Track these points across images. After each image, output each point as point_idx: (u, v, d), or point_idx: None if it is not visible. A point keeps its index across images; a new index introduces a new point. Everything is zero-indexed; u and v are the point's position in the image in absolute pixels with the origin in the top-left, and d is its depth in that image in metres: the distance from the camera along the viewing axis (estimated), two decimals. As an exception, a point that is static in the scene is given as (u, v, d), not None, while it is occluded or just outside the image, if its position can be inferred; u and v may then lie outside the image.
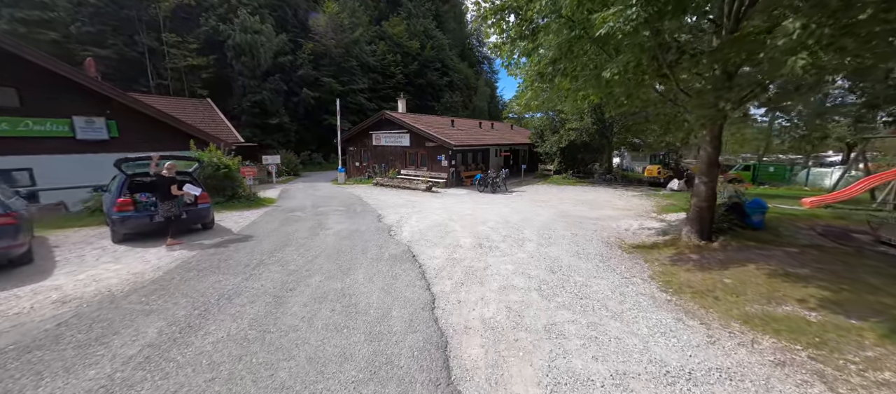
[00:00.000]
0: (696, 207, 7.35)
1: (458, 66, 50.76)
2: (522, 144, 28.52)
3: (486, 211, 12.75)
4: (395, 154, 22.63)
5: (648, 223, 10.81)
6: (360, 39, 38.12)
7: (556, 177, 25.29)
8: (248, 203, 13.12)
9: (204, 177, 12.29)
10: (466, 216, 11.62)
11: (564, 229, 9.90)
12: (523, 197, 16.87)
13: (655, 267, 6.60)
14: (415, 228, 9.73)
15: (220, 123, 22.66)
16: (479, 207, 13.52)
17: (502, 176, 19.39)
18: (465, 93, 50.22)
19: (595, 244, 8.33)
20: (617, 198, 16.86)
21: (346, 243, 7.89)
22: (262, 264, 6.30)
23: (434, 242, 8.22)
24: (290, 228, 9.45)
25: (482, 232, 9.30)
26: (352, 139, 25.04)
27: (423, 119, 24.05)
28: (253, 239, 8.23)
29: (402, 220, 10.88)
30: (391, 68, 41.01)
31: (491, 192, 18.48)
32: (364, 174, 24.12)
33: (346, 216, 11.30)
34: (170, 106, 22.20)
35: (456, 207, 13.46)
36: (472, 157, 23.29)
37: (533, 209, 13.46)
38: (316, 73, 33.64)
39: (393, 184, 20.17)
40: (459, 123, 26.32)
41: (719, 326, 4.31)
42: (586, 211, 13.22)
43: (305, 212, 12.03)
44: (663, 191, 19.24)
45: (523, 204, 14.70)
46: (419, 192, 18.43)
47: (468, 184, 21.15)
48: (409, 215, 11.67)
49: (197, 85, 29.16)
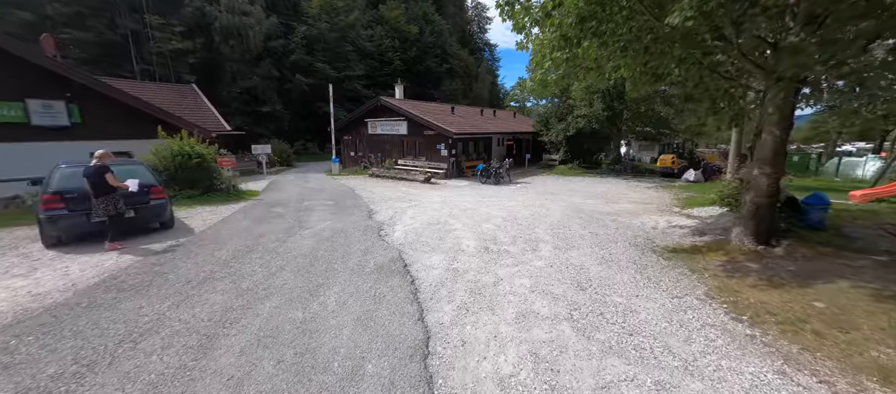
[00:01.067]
0: (754, 203, 5.90)
1: (458, 52, 48.72)
2: (526, 133, 26.93)
3: (490, 205, 11.31)
4: (391, 143, 21.10)
5: (677, 220, 9.37)
6: (355, 23, 36.16)
7: (561, 167, 23.78)
8: (225, 197, 11.67)
9: (174, 168, 10.83)
10: (468, 212, 10.18)
11: (582, 227, 8.47)
12: (529, 189, 15.41)
13: (708, 280, 5.18)
14: (409, 226, 8.29)
15: (205, 110, 21.09)
16: (483, 201, 12.08)
17: (506, 166, 17.90)
18: (465, 80, 48.30)
19: (622, 247, 6.91)
20: (631, 190, 15.41)
21: (325, 248, 6.46)
22: (209, 280, 4.87)
23: (431, 245, 6.79)
24: (264, 227, 8.01)
25: (488, 232, 7.87)
26: (346, 128, 23.47)
27: (421, 106, 22.45)
28: (213, 242, 6.80)
29: (396, 216, 9.44)
30: (389, 54, 39.10)
31: (494, 183, 17.02)
32: (359, 165, 22.62)
33: (332, 212, 9.86)
34: (152, 92, 20.60)
35: (457, 201, 12.03)
36: (473, 146, 21.76)
37: (542, 203, 12.02)
38: (310, 59, 31.83)
39: (389, 175, 18.70)
40: (460, 111, 24.71)
41: (848, 386, 2.90)
42: (601, 205, 11.79)
43: (288, 207, 10.59)
44: (678, 182, 17.78)
45: (530, 197, 13.26)
46: (417, 183, 16.97)
47: (469, 175, 19.67)
48: (404, 211, 10.23)
49: (184, 70, 27.40)
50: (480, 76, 52.23)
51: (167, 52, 27.44)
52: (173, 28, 27.20)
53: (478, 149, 22.24)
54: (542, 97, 24.59)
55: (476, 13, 62.93)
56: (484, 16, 63.30)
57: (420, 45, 42.42)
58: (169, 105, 19.82)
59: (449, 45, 47.47)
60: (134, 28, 27.39)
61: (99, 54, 26.71)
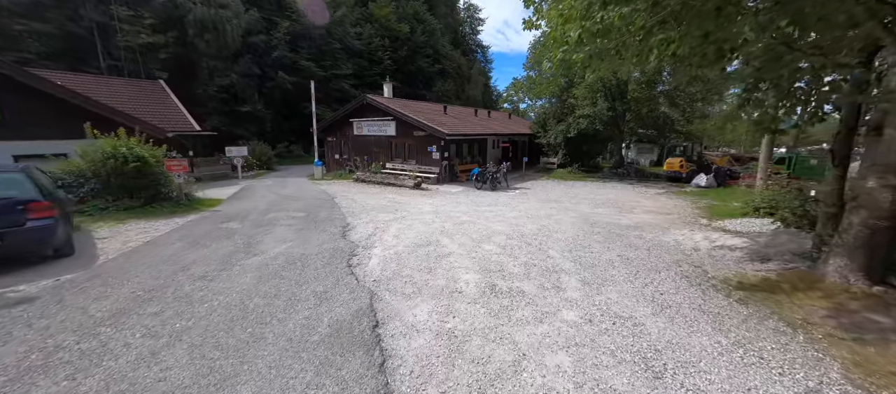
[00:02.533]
0: (867, 226, 4.16)
1: (450, 53, 46.87)
2: (522, 135, 25.22)
3: (489, 217, 9.47)
4: (379, 145, 19.14)
5: (717, 237, 7.63)
6: (343, 20, 34.08)
7: (560, 171, 22.10)
8: (173, 208, 9.59)
9: (106, 173, 8.74)
10: (464, 226, 8.32)
11: (605, 247, 6.69)
12: (530, 196, 13.62)
13: (828, 346, 3.41)
14: (391, 249, 6.38)
15: (172, 108, 18.89)
16: (480, 211, 10.23)
17: (503, 170, 16.11)
18: (457, 81, 46.46)
19: (671, 280, 5.13)
20: (641, 196, 13.73)
21: (267, 291, 4.52)
22: (30, 372, 2.89)
23: (417, 282, 4.89)
24: (197, 253, 6.01)
25: (491, 257, 6.01)
26: (330, 128, 21.41)
27: (411, 105, 20.54)
28: (109, 280, 4.80)
29: (376, 234, 7.52)
30: (378, 53, 37.08)
31: (490, 189, 15.21)
32: (344, 168, 20.60)
33: (298, 229, 7.89)
34: (113, 87, 18.31)
35: (450, 211, 10.16)
36: (467, 148, 19.93)
37: (547, 213, 10.24)
38: (294, 56, 29.66)
39: (375, 180, 16.75)
40: (453, 111, 22.88)
41: None
42: (615, 215, 10.06)
43: (245, 221, 8.57)
44: (689, 188, 16.21)
45: (533, 205, 11.47)
46: (406, 190, 15.06)
47: (463, 179, 17.83)
48: (388, 225, 8.31)
49: (155, 66, 24.99)
50: (473, 78, 50.46)
51: (136, 46, 25.05)
52: (143, 20, 24.83)
53: (472, 151, 20.43)
54: (541, 96, 22.90)
55: (468, 14, 61.25)
56: (476, 17, 61.66)
57: (411, 45, 40.50)
58: (131, 102, 17.58)
59: (441, 46, 45.63)
60: (100, 20, 24.95)
61: (61, 49, 24.24)
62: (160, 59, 25.53)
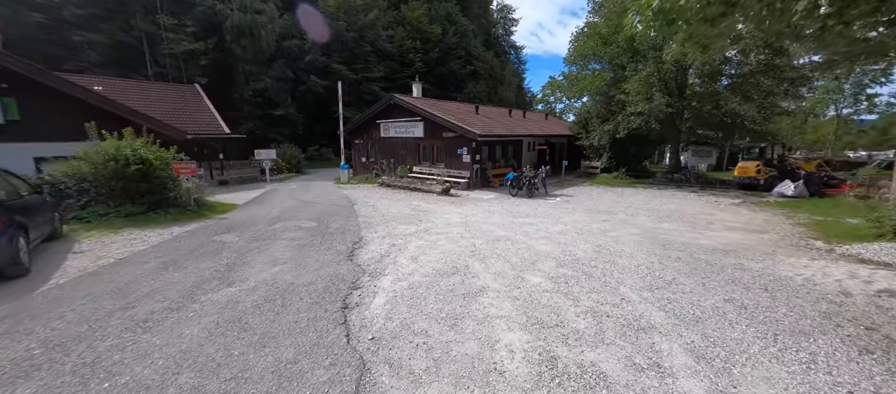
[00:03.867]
0: None
1: (482, 54, 45.07)
2: (560, 137, 22.95)
3: (529, 232, 7.64)
4: (406, 147, 17.79)
5: (866, 273, 5.31)
6: (375, 23, 33.41)
7: (604, 176, 19.62)
8: (178, 214, 8.63)
9: (107, 176, 7.89)
10: (500, 244, 6.57)
11: (700, 284, 4.69)
12: (574, 205, 11.56)
13: None
14: (404, 280, 4.78)
15: (205, 111, 18.67)
16: (518, 224, 8.41)
17: (542, 175, 14.12)
18: (490, 83, 44.51)
19: (845, 359, 3.10)
20: (714, 208, 11.23)
21: (210, 357, 3.04)
22: None
23: (433, 346, 3.23)
24: (163, 279, 4.72)
25: (540, 297, 4.23)
26: (357, 130, 20.40)
27: (440, 105, 19.03)
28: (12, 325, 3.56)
29: (391, 254, 5.96)
30: (409, 56, 36.07)
31: (527, 196, 13.30)
32: (371, 171, 19.46)
33: (300, 245, 6.50)
34: (150, 91, 18.37)
35: (482, 223, 8.42)
36: (500, 151, 18.08)
37: (601, 227, 8.24)
38: (326, 60, 29.28)
39: (401, 184, 15.35)
40: (485, 111, 21.12)
41: None
42: (689, 232, 7.88)
43: (245, 232, 7.34)
44: (770, 197, 13.35)
45: (580, 217, 9.46)
46: (433, 196, 13.50)
47: (496, 185, 16.01)
48: (407, 241, 6.74)
49: (195, 72, 25.42)
50: (506, 79, 48.28)
51: (179, 53, 25.58)
52: (186, 28, 25.33)
53: (506, 154, 18.54)
54: (583, 94, 20.53)
55: (502, 15, 59.17)
56: (510, 18, 59.41)
57: (443, 47, 39.20)
58: (164, 105, 17.48)
59: (473, 47, 43.98)
60: (148, 30, 25.73)
61: (114, 57, 25.16)
62: (201, 65, 25.92)
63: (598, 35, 16.86)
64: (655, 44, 15.12)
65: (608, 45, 16.75)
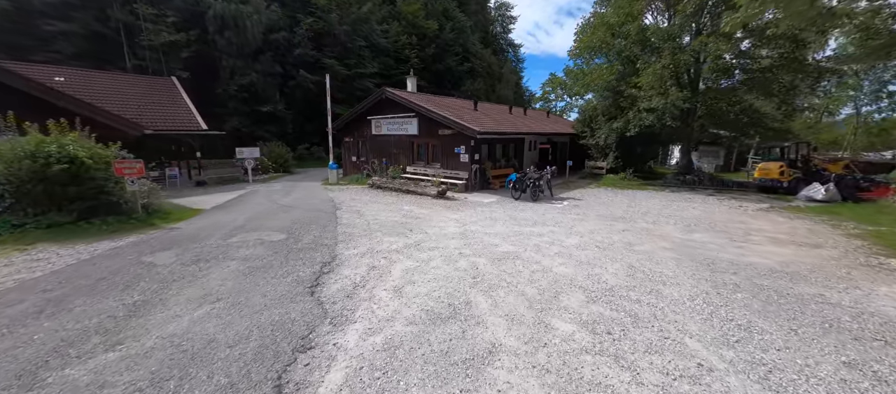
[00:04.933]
0: None
1: (480, 51, 43.64)
2: (563, 135, 21.58)
3: (540, 245, 6.24)
4: (399, 146, 16.33)
5: None
6: (369, 17, 31.82)
7: (610, 177, 18.30)
8: (119, 223, 7.11)
9: (21, 178, 6.37)
10: (508, 263, 5.16)
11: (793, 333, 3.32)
12: (585, 210, 10.17)
13: None
14: (381, 328, 3.35)
15: (180, 105, 17.07)
16: (526, 234, 7.00)
17: (547, 177, 12.75)
18: (488, 81, 43.09)
19: None
20: (743, 215, 9.90)
21: None
22: None
23: None
24: (15, 336, 3.26)
25: (578, 362, 2.81)
26: (347, 127, 18.89)
27: (435, 100, 17.58)
28: None
29: (368, 282, 4.53)
30: (405, 51, 34.51)
31: (531, 199, 11.92)
32: (361, 171, 17.98)
33: (251, 269, 5.04)
34: (119, 83, 16.72)
35: (484, 234, 6.99)
36: (501, 150, 16.66)
37: (624, 239, 6.87)
38: (317, 54, 27.69)
39: (393, 186, 13.89)
40: (484, 108, 19.67)
41: None
42: (729, 247, 6.55)
43: (188, 252, 5.85)
44: (797, 201, 12.07)
45: (595, 226, 8.07)
46: (428, 199, 12.07)
47: (496, 186, 14.61)
48: (392, 262, 5.31)
49: (177, 65, 23.69)
50: (505, 77, 46.91)
51: (159, 45, 23.87)
52: (166, 19, 23.62)
53: (507, 154, 17.13)
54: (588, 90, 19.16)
55: (499, 13, 57.74)
56: (508, 15, 57.96)
57: (439, 43, 37.72)
58: (136, 99, 15.84)
59: (470, 44, 42.54)
60: (126, 20, 23.97)
61: (89, 49, 23.37)
62: (182, 58, 24.21)
63: (606, 26, 15.49)
64: (671, 33, 13.76)
65: (617, 36, 15.37)
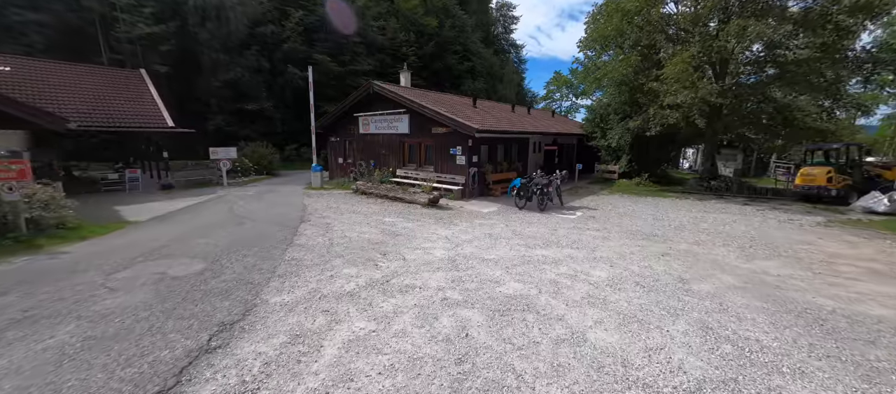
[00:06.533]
0: None
1: (481, 50, 41.77)
2: (570, 136, 19.63)
3: (558, 280, 4.28)
4: (389, 146, 14.40)
5: None
6: (365, 13, 30.02)
7: (624, 182, 16.34)
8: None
9: None
10: (514, 317, 3.20)
11: None
12: (603, 223, 8.20)
13: None
14: None
15: (147, 101, 15.20)
16: (535, 262, 5.02)
17: (557, 183, 10.77)
18: (488, 81, 41.15)
19: None
20: (803, 232, 7.91)
21: None
22: None
23: None
24: None
25: None
26: (334, 125, 16.98)
27: (430, 95, 15.66)
28: None
29: (268, 377, 2.57)
30: (402, 49, 32.63)
31: (538, 209, 9.97)
32: (348, 174, 16.05)
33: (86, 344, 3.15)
34: (86, 74, 14.92)
35: (480, 262, 5.03)
36: (502, 151, 14.69)
37: (670, 272, 4.92)
38: (308, 49, 25.87)
39: (379, 192, 11.94)
40: (485, 105, 17.74)
41: None
42: (817, 283, 4.64)
43: (23, 301, 3.94)
44: (851, 213, 10.08)
45: (623, 246, 6.10)
46: (417, 208, 10.11)
47: (497, 193, 12.65)
48: (335, 323, 3.36)
49: (155, 60, 21.86)
50: (506, 77, 44.96)
51: (136, 38, 22.04)
52: (143, 10, 21.80)
53: (509, 156, 15.17)
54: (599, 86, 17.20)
55: (501, 13, 55.85)
56: (510, 15, 56.07)
57: (439, 40, 35.85)
58: (93, 92, 13.96)
59: (471, 42, 40.65)
60: (101, 11, 22.13)
61: (61, 42, 21.49)
62: (161, 52, 22.36)
63: (621, 13, 13.55)
64: (698, 17, 11.82)
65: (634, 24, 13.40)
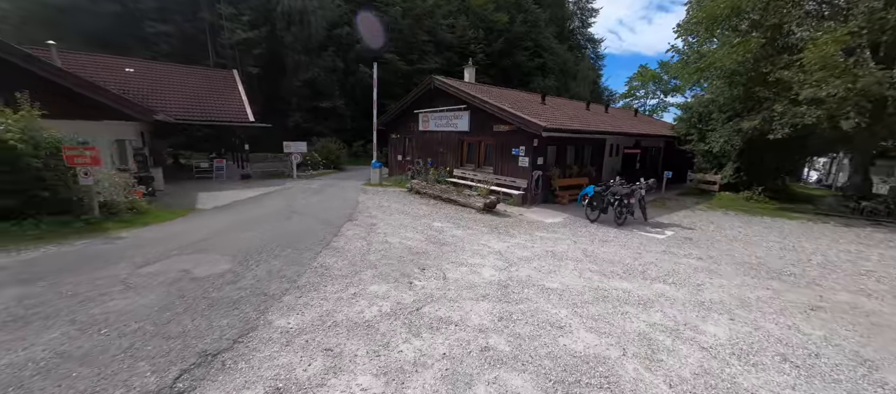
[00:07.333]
0: None
1: (554, 46, 39.01)
2: (656, 138, 16.76)
3: (651, 336, 2.85)
4: (447, 144, 13.61)
5: None
6: (434, 11, 29.89)
7: (728, 196, 13.28)
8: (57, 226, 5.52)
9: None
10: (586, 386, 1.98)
11: None
12: (705, 249, 6.21)
13: None
14: None
15: (234, 98, 16.64)
16: (615, 300, 3.63)
17: (641, 193, 8.78)
18: (560, 78, 38.19)
19: None
20: None
21: None
22: None
23: None
24: None
25: None
26: (394, 122, 16.80)
27: (493, 91, 14.45)
28: None
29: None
30: (470, 46, 31.86)
31: (615, 223, 8.21)
32: (406, 172, 15.68)
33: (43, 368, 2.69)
34: (189, 75, 16.97)
35: (539, 294, 3.82)
36: (573, 154, 12.87)
37: (834, 341, 3.05)
38: (378, 49, 26.60)
39: (433, 192, 11.19)
40: (556, 102, 15.95)
41: None
42: None
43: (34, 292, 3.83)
44: None
45: (742, 288, 4.27)
46: (471, 213, 9.10)
47: (564, 201, 10.99)
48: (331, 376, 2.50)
49: (249, 62, 24.36)
50: (581, 73, 41.35)
51: (235, 43, 24.73)
52: (241, 17, 24.38)
53: (580, 159, 13.28)
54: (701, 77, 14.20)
55: (578, 6, 51.69)
56: (588, 8, 51.64)
57: (509, 36, 34.26)
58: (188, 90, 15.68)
59: (543, 38, 38.19)
60: (211, 20, 25.30)
61: (180, 48, 25.03)
62: (254, 55, 24.79)
63: (739, -15, 10.75)
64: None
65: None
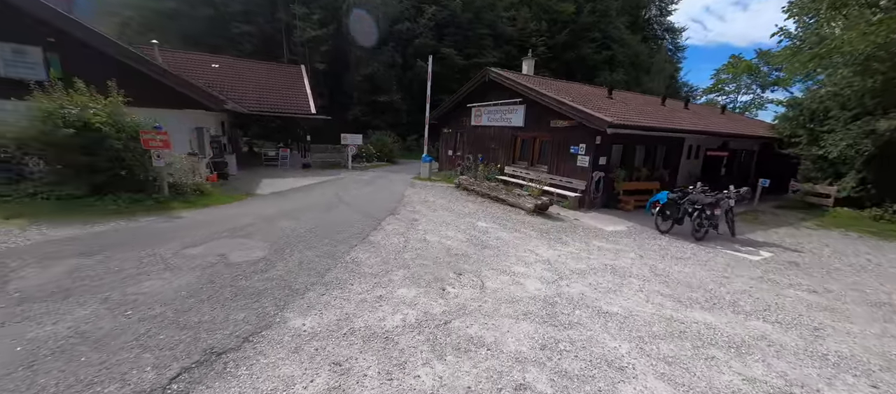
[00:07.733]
0: None
1: (625, 37, 35.56)
2: (749, 139, 14.20)
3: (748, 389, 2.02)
4: (499, 140, 12.90)
5: None
6: (496, 3, 28.94)
7: (845, 212, 10.75)
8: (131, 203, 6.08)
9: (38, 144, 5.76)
10: None
11: None
12: (820, 280, 4.80)
13: None
14: None
15: (299, 92, 17.71)
16: (695, 340, 2.79)
17: (729, 204, 7.28)
18: (630, 72, 34.68)
19: None
20: None
21: None
22: None
23: None
24: None
25: None
26: (446, 116, 16.48)
27: (552, 83, 13.31)
28: None
29: None
30: (532, 39, 30.30)
31: (693, 238, 6.91)
32: (456, 167, 15.30)
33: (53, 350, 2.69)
34: (263, 70, 18.48)
35: (594, 320, 3.14)
36: (642, 154, 11.33)
37: None
38: (436, 44, 26.48)
39: (480, 189, 10.63)
40: (624, 97, 14.24)
41: None
42: None
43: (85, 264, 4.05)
44: None
45: (880, 336, 3.02)
46: (520, 214, 8.40)
47: (628, 207, 9.68)
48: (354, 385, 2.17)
49: (317, 59, 25.95)
50: (655, 66, 37.18)
51: (306, 41, 26.44)
52: (312, 16, 25.97)
53: (651, 161, 11.66)
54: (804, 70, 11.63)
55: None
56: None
57: (574, 28, 31.96)
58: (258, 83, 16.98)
59: (613, 29, 35.01)
60: (287, 20, 27.35)
61: (260, 46, 27.44)
62: (321, 52, 26.28)
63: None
64: None
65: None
